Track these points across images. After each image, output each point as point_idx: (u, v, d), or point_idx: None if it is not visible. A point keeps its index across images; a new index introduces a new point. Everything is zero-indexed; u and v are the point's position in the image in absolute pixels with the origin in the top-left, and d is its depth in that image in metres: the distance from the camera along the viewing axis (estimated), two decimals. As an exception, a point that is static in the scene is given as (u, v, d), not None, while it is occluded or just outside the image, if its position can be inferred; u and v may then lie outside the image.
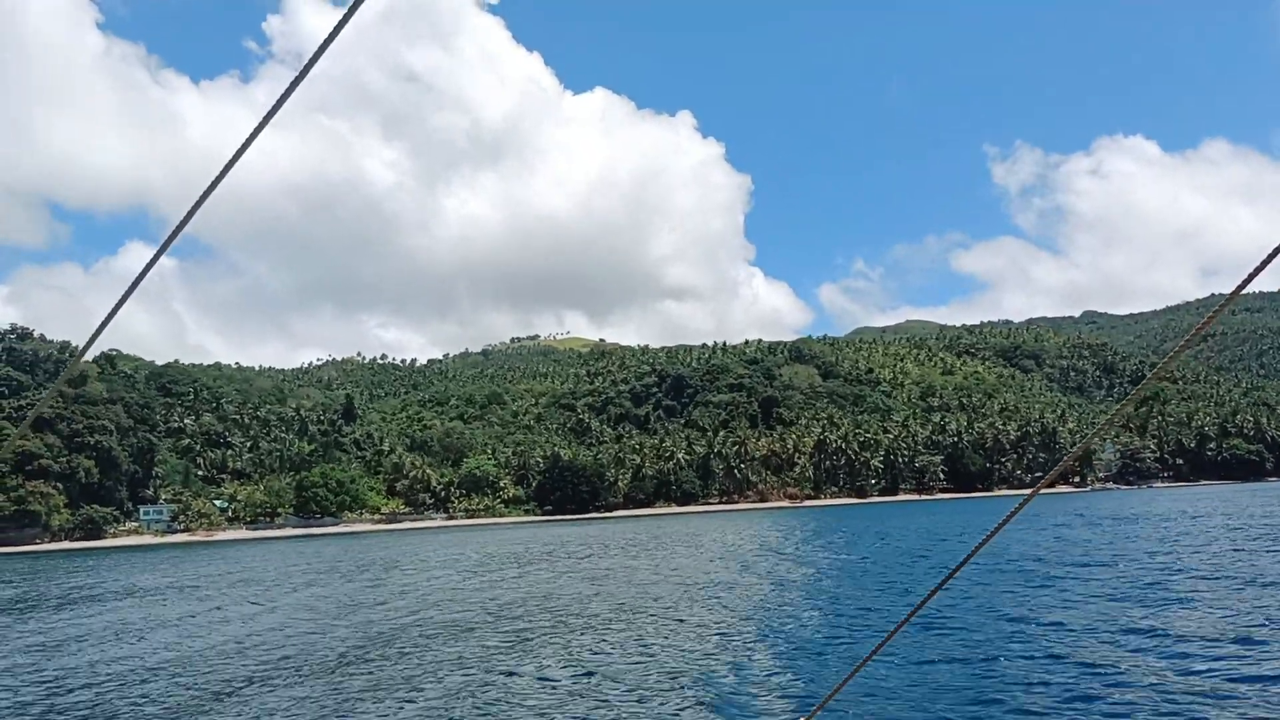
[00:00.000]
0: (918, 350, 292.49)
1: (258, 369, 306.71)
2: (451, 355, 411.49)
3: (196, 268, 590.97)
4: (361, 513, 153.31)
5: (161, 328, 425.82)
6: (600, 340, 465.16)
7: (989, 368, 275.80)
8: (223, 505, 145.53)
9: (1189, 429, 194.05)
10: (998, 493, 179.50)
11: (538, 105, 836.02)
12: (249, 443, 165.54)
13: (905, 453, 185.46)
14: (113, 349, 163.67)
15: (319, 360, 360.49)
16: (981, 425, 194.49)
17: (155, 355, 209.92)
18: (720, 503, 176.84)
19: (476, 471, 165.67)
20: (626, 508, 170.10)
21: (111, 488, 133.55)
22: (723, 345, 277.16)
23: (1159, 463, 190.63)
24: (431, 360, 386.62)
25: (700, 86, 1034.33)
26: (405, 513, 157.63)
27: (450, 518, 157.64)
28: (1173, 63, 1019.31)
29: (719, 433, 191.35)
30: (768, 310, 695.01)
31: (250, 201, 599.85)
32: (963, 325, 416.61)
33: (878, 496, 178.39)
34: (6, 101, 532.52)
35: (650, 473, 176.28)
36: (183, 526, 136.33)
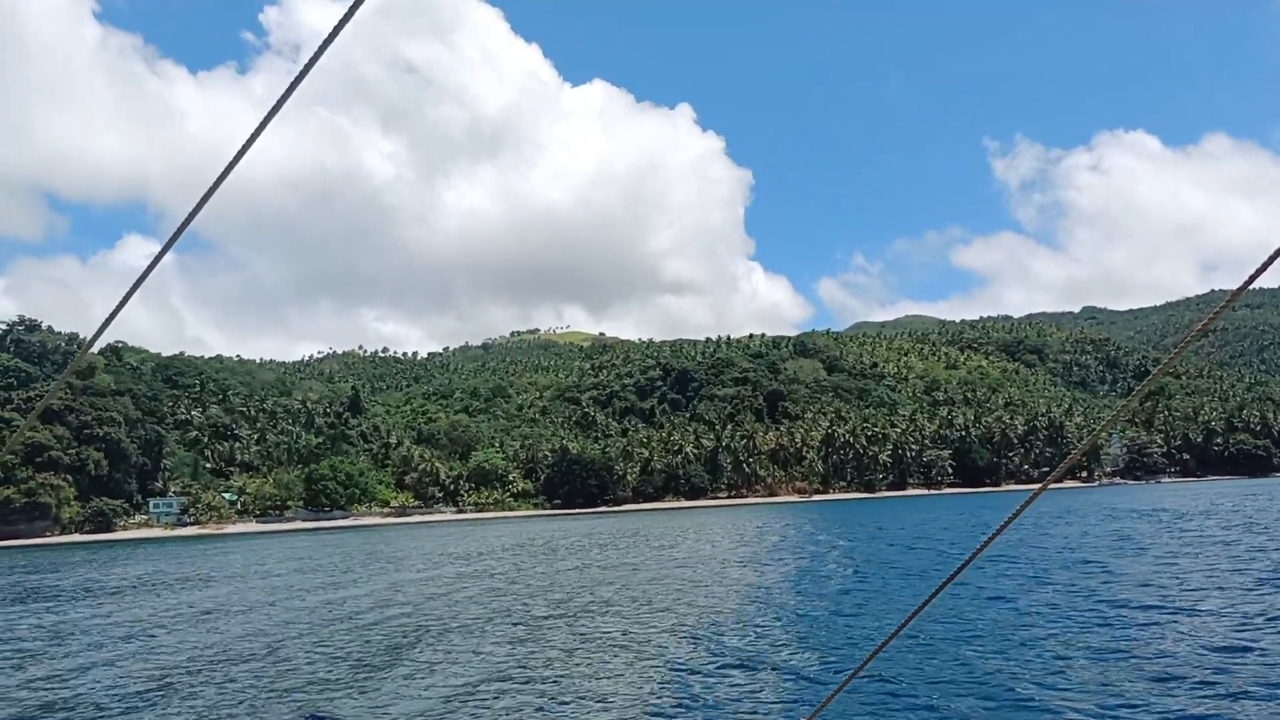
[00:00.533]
0: (921, 344, 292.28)
1: (258, 362, 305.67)
2: (451, 349, 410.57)
3: (194, 261, 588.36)
4: (370, 506, 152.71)
5: (159, 321, 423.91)
6: (600, 334, 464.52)
7: (992, 362, 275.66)
8: (232, 498, 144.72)
9: (1195, 424, 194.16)
10: (1006, 487, 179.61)
11: (536, 98, 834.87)
12: (256, 435, 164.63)
13: (913, 447, 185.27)
14: (119, 341, 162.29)
15: (320, 353, 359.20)
16: (989, 420, 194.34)
17: (154, 348, 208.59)
18: (729, 497, 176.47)
19: (485, 465, 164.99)
20: (635, 501, 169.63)
21: (121, 480, 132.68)
22: (726, 339, 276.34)
23: (1166, 458, 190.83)
24: (431, 354, 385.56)
25: (700, 80, 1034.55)
26: (415, 506, 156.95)
27: (460, 511, 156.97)
28: (1173, 57, 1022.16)
29: (727, 426, 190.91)
30: (767, 305, 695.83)
31: (248, 195, 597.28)
32: (962, 320, 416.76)
33: (886, 491, 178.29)
34: (3, 92, 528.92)
35: (659, 466, 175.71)
36: (192, 519, 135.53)
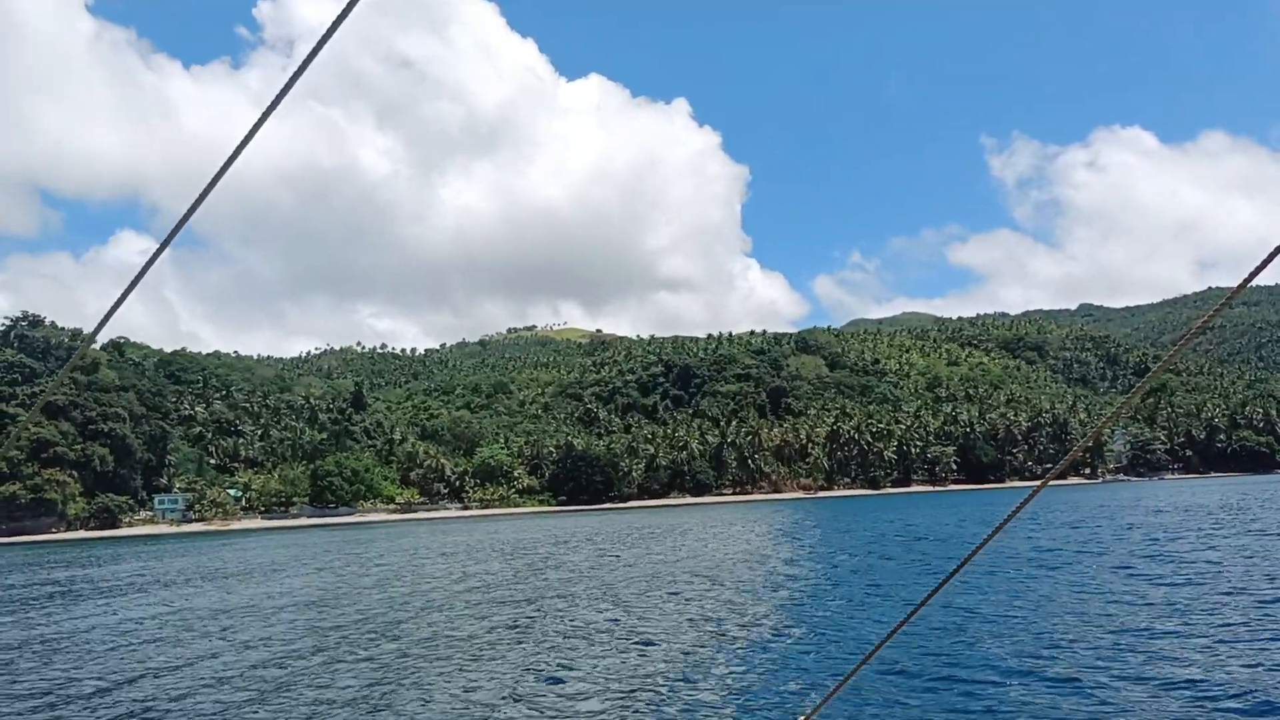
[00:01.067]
0: (921, 341, 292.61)
1: (256, 358, 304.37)
2: (449, 345, 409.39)
3: (189, 256, 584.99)
4: (375, 502, 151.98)
5: (154, 317, 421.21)
6: (597, 331, 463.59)
7: (994, 359, 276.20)
8: (236, 494, 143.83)
9: (1199, 420, 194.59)
10: (1010, 484, 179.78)
11: (532, 93, 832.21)
12: (260, 431, 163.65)
13: (918, 443, 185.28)
14: (121, 337, 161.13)
15: (317, 349, 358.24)
16: (993, 416, 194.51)
17: (148, 344, 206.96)
18: (734, 493, 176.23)
19: (491, 461, 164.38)
20: (641, 498, 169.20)
21: (126, 476, 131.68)
22: (728, 335, 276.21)
23: (1169, 454, 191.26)
24: (429, 350, 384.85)
25: (696, 74, 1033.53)
26: (420, 502, 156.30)
27: (465, 508, 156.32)
28: (1171, 54, 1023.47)
29: (731, 422, 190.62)
30: (764, 302, 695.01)
31: (242, 190, 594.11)
32: (960, 318, 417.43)
33: (890, 488, 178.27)
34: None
35: (664, 463, 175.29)
36: (198, 516, 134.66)
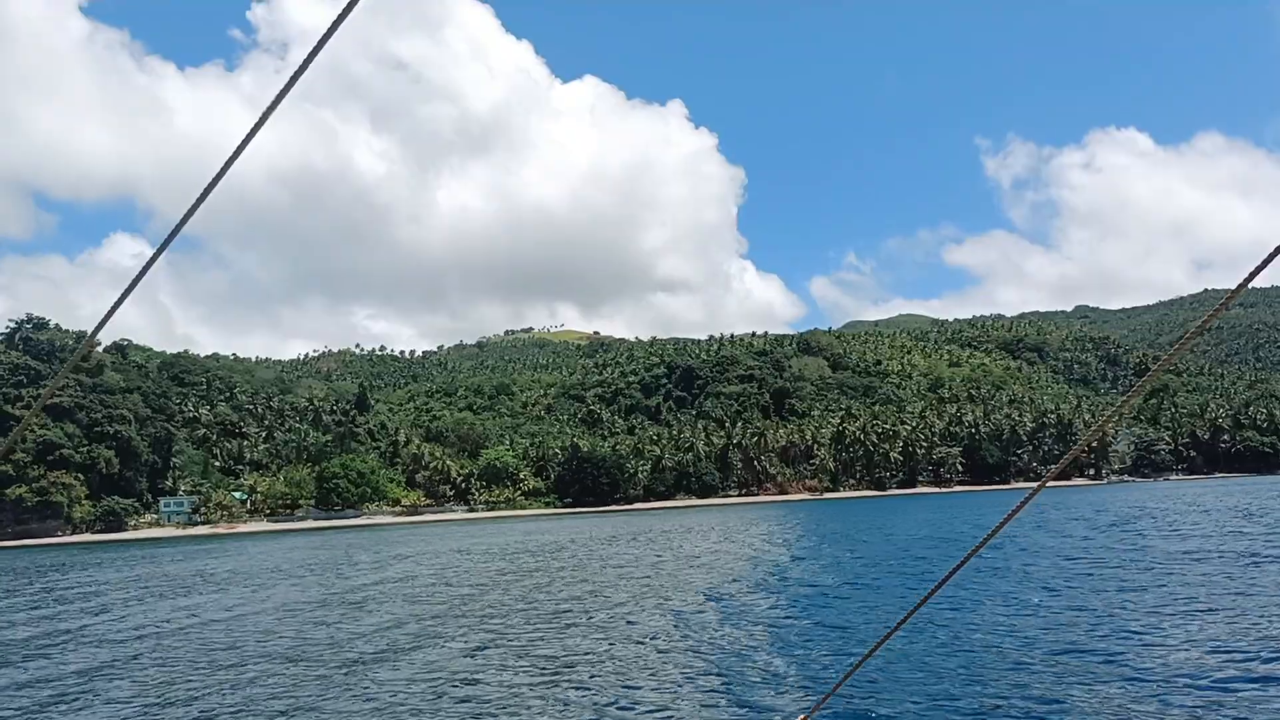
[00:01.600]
0: (922, 342, 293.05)
1: (255, 360, 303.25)
2: (446, 347, 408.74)
3: (183, 259, 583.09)
4: (381, 504, 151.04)
5: (149, 319, 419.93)
6: (595, 332, 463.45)
7: (994, 360, 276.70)
8: (242, 496, 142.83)
9: (1202, 421, 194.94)
10: (1015, 485, 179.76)
11: (527, 94, 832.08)
12: (264, 433, 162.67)
13: (923, 444, 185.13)
14: (124, 339, 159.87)
15: (315, 352, 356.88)
16: (998, 417, 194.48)
17: (146, 347, 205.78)
18: (740, 495, 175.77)
19: (496, 463, 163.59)
20: (647, 500, 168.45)
21: (131, 478, 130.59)
22: (730, 337, 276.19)
23: (1173, 455, 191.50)
24: (427, 352, 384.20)
25: (691, 76, 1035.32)
26: (426, 504, 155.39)
27: (471, 510, 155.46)
28: (1166, 55, 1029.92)
29: (737, 424, 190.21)
30: (760, 303, 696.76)
31: (237, 192, 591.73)
32: (956, 319, 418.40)
33: (896, 489, 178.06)
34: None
35: (670, 464, 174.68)
36: (203, 519, 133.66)
